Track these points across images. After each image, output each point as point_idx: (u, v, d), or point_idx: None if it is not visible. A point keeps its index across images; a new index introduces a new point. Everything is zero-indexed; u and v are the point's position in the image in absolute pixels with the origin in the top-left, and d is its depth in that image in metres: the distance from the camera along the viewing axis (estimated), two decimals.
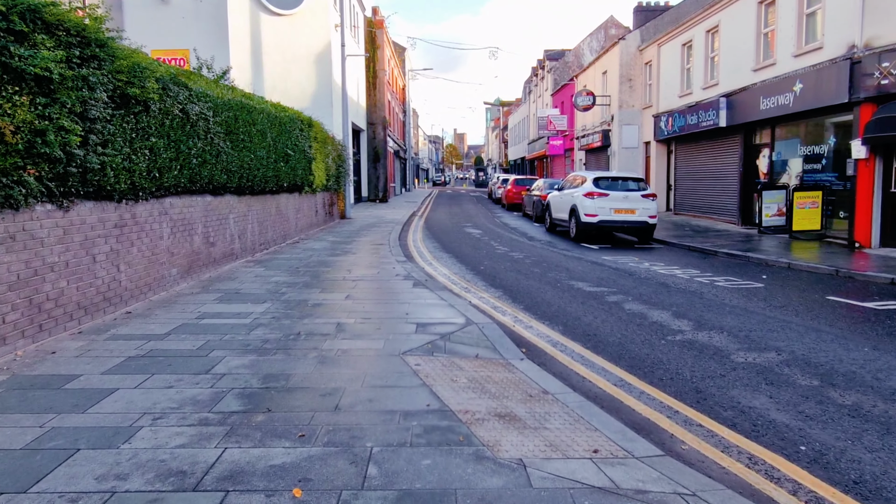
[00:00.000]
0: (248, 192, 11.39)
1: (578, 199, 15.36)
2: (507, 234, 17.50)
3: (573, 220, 15.65)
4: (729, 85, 18.16)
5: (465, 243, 15.23)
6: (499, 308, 7.79)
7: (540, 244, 15.04)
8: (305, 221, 16.20)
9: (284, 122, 13.03)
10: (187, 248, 8.79)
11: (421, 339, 5.79)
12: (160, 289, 7.94)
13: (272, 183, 12.39)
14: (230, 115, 9.90)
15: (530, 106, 53.30)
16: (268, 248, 12.69)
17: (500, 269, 10.92)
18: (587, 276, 10.14)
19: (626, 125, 25.92)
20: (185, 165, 8.35)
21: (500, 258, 12.45)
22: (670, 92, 22.68)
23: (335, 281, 9.03)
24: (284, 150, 13.01)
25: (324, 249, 12.83)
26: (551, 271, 10.69)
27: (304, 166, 14.73)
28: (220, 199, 10.04)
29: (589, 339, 6.36)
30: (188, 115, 8.36)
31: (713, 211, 19.99)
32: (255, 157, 11.16)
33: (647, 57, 25.17)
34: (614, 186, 15.14)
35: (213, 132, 9.22)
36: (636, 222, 14.81)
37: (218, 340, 5.71)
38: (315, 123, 16.10)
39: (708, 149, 20.23)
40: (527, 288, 9.16)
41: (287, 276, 9.43)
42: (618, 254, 13.22)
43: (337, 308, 7.13)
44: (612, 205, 14.80)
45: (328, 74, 23.95)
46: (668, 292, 8.76)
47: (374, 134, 34.17)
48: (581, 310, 7.67)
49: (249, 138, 10.84)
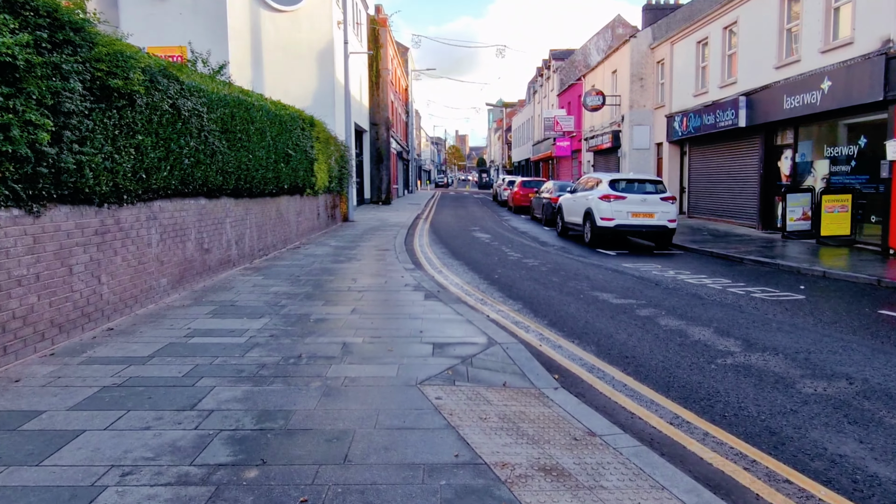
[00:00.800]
0: (247, 194, 10.69)
1: (593, 202, 14.63)
2: (517, 239, 16.78)
3: (588, 224, 14.93)
4: (748, 83, 17.43)
5: (475, 249, 14.51)
6: (520, 324, 7.06)
7: (553, 250, 14.31)
8: (307, 225, 15.50)
9: (285, 121, 12.33)
10: (179, 255, 8.08)
11: (439, 363, 5.08)
12: (148, 301, 7.23)
13: (272, 185, 11.68)
14: (226, 112, 9.20)
15: (535, 107, 52.57)
16: (267, 254, 11.99)
17: (516, 278, 10.20)
18: (611, 286, 9.42)
19: (638, 126, 25.18)
20: (177, 166, 7.65)
21: (513, 265, 11.74)
22: (684, 91, 21.96)
23: (339, 292, 8.32)
24: (285, 151, 12.30)
25: (326, 255, 12.12)
26: (571, 280, 9.97)
27: (305, 167, 14.03)
28: (215, 203, 9.34)
29: (628, 361, 5.64)
30: (179, 111, 7.65)
31: (731, 214, 19.25)
32: (254, 158, 10.46)
33: (659, 55, 24.45)
34: (631, 189, 14.42)
35: (208, 130, 8.52)
36: (655, 227, 14.08)
37: (208, 365, 4.99)
38: (317, 123, 15.40)
39: (725, 150, 19.50)
40: (548, 300, 8.44)
41: (287, 285, 8.72)
42: (638, 260, 12.49)
43: (342, 324, 6.41)
44: (629, 208, 14.07)
45: (331, 73, 23.26)
46: (703, 305, 8.03)
47: (377, 134, 33.48)
48: (612, 326, 6.95)
49: (247, 137, 10.13)
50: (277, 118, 11.81)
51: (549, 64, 45.45)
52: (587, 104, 26.91)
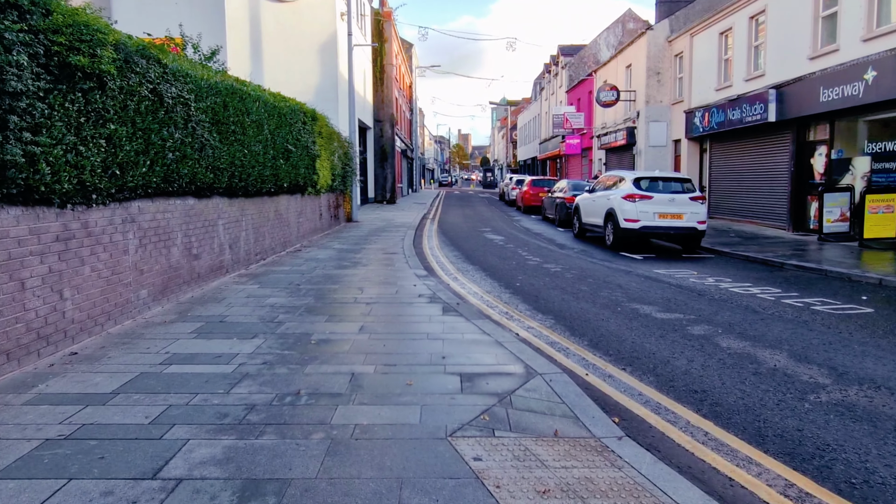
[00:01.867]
0: (242, 193, 9.70)
1: (616, 202, 13.61)
2: (532, 241, 15.77)
3: (609, 225, 13.91)
4: (779, 76, 16.38)
5: (490, 252, 13.51)
6: (557, 344, 6.06)
7: (574, 253, 13.30)
8: (308, 226, 14.51)
9: (285, 114, 11.34)
10: (162, 262, 7.10)
11: (471, 403, 4.08)
12: (124, 317, 6.24)
13: (270, 183, 10.69)
14: (218, 102, 8.21)
15: (542, 104, 51.50)
16: (265, 259, 11.00)
17: (541, 287, 9.19)
18: (649, 297, 8.41)
19: (654, 122, 24.12)
20: (158, 161, 6.66)
21: (534, 271, 10.73)
22: (705, 85, 20.91)
23: (345, 304, 7.32)
24: (284, 146, 11.31)
25: (329, 260, 11.13)
26: (603, 289, 8.96)
27: (307, 164, 13.04)
28: (205, 203, 8.35)
29: (699, 398, 4.63)
30: (162, 97, 6.67)
31: (757, 215, 18.20)
32: (250, 153, 9.47)
33: (677, 48, 23.39)
34: (658, 188, 13.39)
35: (196, 121, 7.53)
36: (684, 228, 13.05)
37: (183, 406, 4.01)
38: (320, 117, 14.41)
39: (752, 146, 18.45)
40: (581, 314, 7.44)
41: (286, 296, 7.73)
42: (669, 266, 11.47)
43: (349, 347, 5.42)
44: (656, 209, 13.04)
45: (334, 66, 22.26)
46: (763, 321, 7.02)
47: (382, 132, 32.48)
48: (665, 348, 5.94)
49: (242, 130, 9.15)
50: (276, 110, 10.83)
51: (557, 60, 44.37)
52: (600, 99, 25.85)
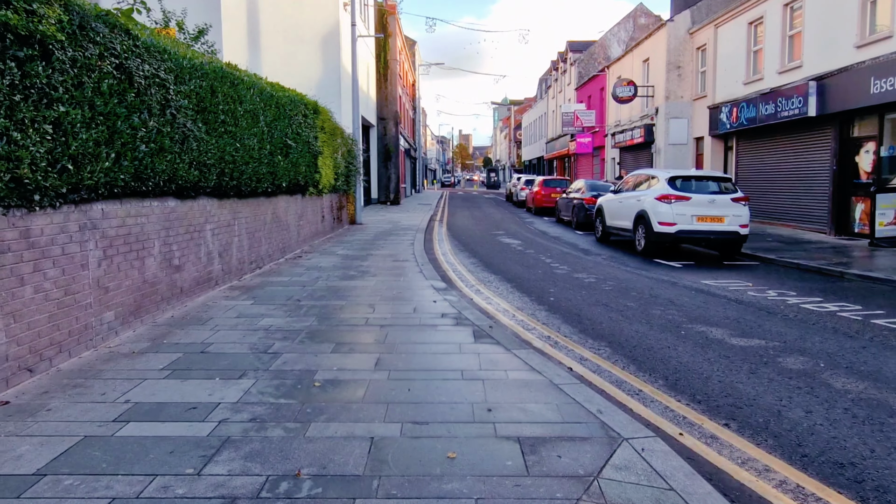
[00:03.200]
0: (234, 193, 8.46)
1: (649, 203, 12.36)
2: (553, 246, 14.52)
3: (640, 229, 12.65)
4: (819, 66, 15.12)
5: (510, 259, 12.26)
6: (625, 384, 4.81)
7: (602, 260, 12.05)
8: (310, 230, 13.27)
9: (283, 105, 10.10)
10: (134, 277, 5.86)
11: (546, 496, 2.84)
12: (81, 347, 5.00)
13: (267, 182, 9.46)
14: (204, 86, 6.98)
15: (549, 102, 50.23)
16: (261, 267, 9.76)
17: (579, 302, 7.95)
18: (711, 316, 7.16)
19: (674, 118, 22.85)
20: (127, 154, 5.42)
21: (566, 282, 9.49)
22: (731, 79, 19.65)
23: (354, 327, 6.08)
24: (283, 141, 10.08)
25: (333, 268, 9.89)
26: (652, 305, 7.71)
27: (308, 162, 11.80)
28: (190, 205, 7.11)
29: (854, 479, 3.38)
30: (131, 76, 5.43)
31: (793, 217, 16.92)
32: (243, 148, 8.24)
33: (699, 41, 22.12)
34: (695, 188, 12.14)
35: (176, 107, 6.29)
36: (725, 233, 11.80)
37: (132, 500, 2.77)
38: (322, 110, 13.18)
39: (786, 143, 17.18)
40: (640, 338, 6.19)
41: (283, 315, 6.50)
42: (716, 275, 10.22)
43: (364, 392, 4.18)
44: (694, 211, 11.78)
45: (336, 59, 21.03)
46: (866, 350, 5.77)
47: (385, 130, 31.24)
48: (765, 391, 4.69)
49: (234, 121, 7.91)
50: (274, 100, 9.59)
51: (565, 57, 43.10)
52: (617, 95, 24.58)
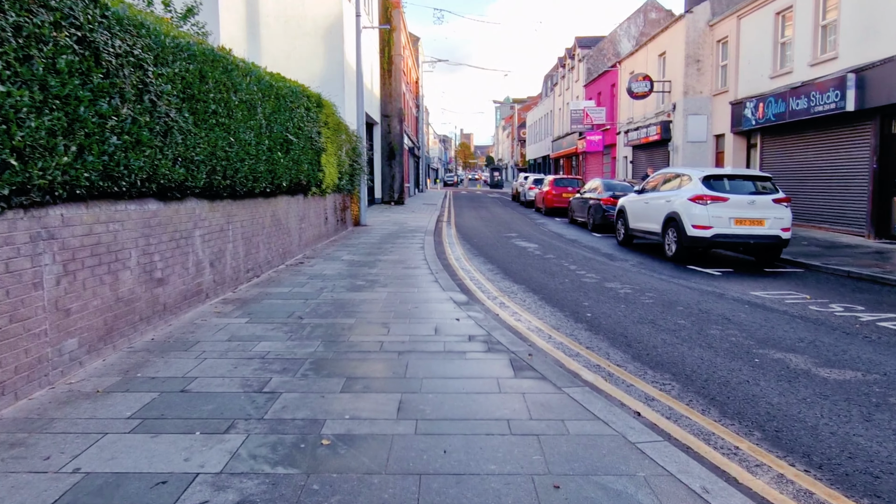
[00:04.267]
0: (227, 194, 7.50)
1: (680, 205, 11.37)
2: (573, 250, 13.53)
3: (671, 233, 11.66)
4: (858, 58, 14.13)
5: (530, 265, 11.28)
6: (717, 440, 3.84)
7: (631, 266, 11.07)
8: (312, 232, 12.30)
9: (284, 96, 9.14)
10: (105, 296, 4.89)
11: None
12: (33, 385, 4.04)
13: (265, 181, 8.49)
14: (192, 70, 6.01)
15: (555, 100, 49.21)
16: (259, 276, 8.79)
17: (622, 320, 6.97)
18: (780, 337, 6.18)
19: (693, 115, 21.85)
20: (93, 147, 4.46)
21: (598, 293, 8.51)
22: (756, 72, 18.65)
23: (367, 354, 5.11)
24: (283, 136, 9.11)
25: (339, 277, 8.93)
26: (708, 324, 6.73)
27: (310, 159, 10.84)
28: (175, 208, 6.14)
29: None
30: (98, 52, 4.47)
31: (826, 219, 15.93)
32: (238, 142, 7.27)
33: (720, 33, 21.12)
34: (733, 188, 11.15)
35: (157, 92, 5.32)
36: (766, 237, 10.81)
37: None
38: (326, 103, 12.21)
39: (819, 140, 16.18)
40: (712, 371, 5.21)
41: (283, 337, 5.53)
42: (763, 285, 9.25)
43: (388, 457, 3.21)
44: (731, 213, 10.80)
45: (339, 52, 20.05)
46: None
47: (389, 127, 30.25)
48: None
49: (227, 112, 6.94)
50: (273, 90, 8.63)
51: (573, 53, 42.07)
52: (632, 90, 23.58)
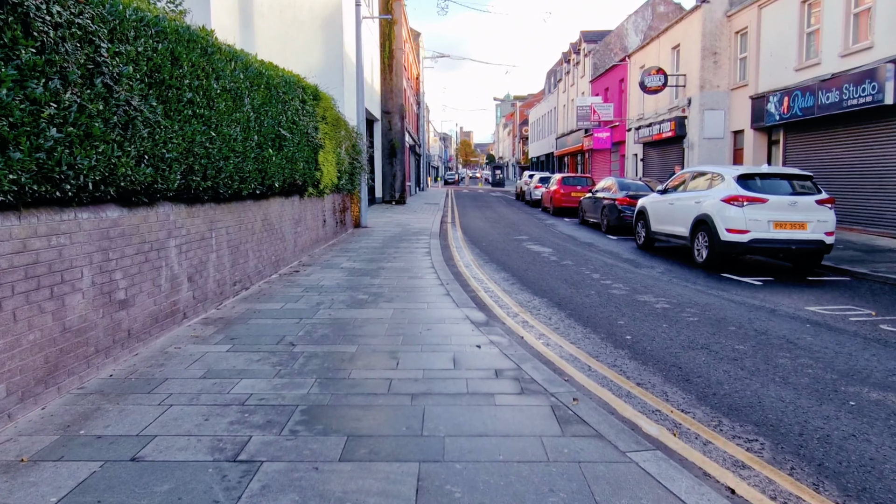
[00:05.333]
0: (210, 197, 6.51)
1: (712, 206, 10.38)
2: (591, 255, 12.55)
3: (701, 237, 10.68)
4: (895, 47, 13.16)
5: (547, 273, 10.29)
6: None
7: (659, 275, 10.08)
8: (309, 237, 11.32)
9: (276, 86, 8.16)
10: (46, 326, 3.91)
11: None
12: None
13: (255, 181, 7.50)
14: (161, 50, 5.02)
15: (559, 96, 48.17)
16: (247, 288, 7.81)
17: (669, 343, 6.00)
18: (869, 370, 5.21)
19: (710, 110, 20.85)
20: (21, 141, 3.48)
21: (632, 308, 7.53)
22: (779, 65, 17.65)
23: (372, 400, 4.12)
24: (275, 131, 8.12)
25: (338, 289, 7.94)
26: (772, 350, 5.75)
27: (306, 157, 9.85)
28: (142, 214, 5.15)
29: None
30: (26, 20, 3.49)
31: (860, 220, 14.93)
32: (221, 138, 6.28)
33: (739, 24, 20.11)
34: (770, 188, 10.17)
35: (113, 74, 4.33)
36: (808, 242, 9.83)
37: None
38: (323, 96, 11.22)
39: (852, 136, 15.19)
40: (802, 419, 4.23)
41: (269, 374, 4.55)
42: (815, 297, 8.28)
43: None
44: (771, 216, 9.81)
45: (338, 44, 19.06)
46: None
47: (390, 124, 29.24)
48: None
49: (207, 101, 5.95)
50: (263, 80, 7.64)
51: (578, 48, 41.02)
52: (645, 85, 22.58)
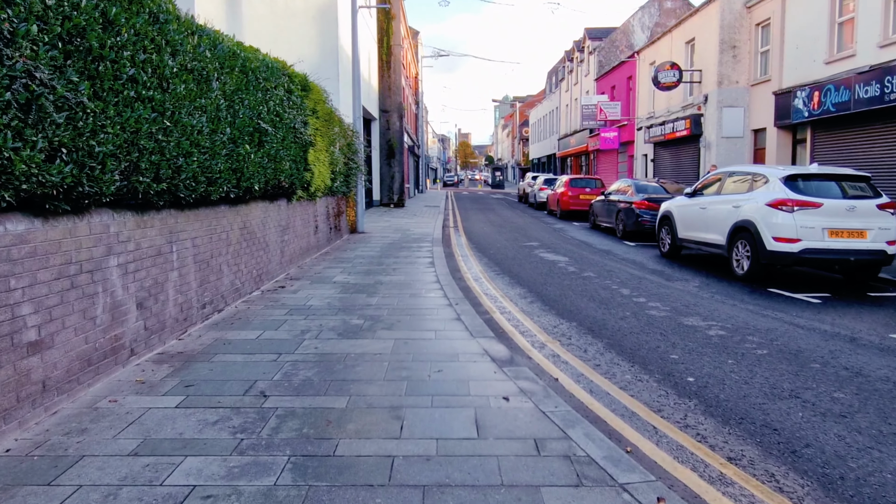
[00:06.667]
0: (168, 202, 5.24)
1: (756, 211, 9.15)
2: (612, 265, 11.29)
3: (742, 246, 9.44)
4: None
5: (568, 287, 9.04)
6: None
7: (696, 290, 8.84)
8: (298, 245, 10.05)
9: (254, 71, 6.90)
10: None
11: None
12: None
13: (227, 183, 6.23)
14: (84, 8, 3.75)
15: (561, 96, 46.96)
16: (221, 309, 6.54)
17: (749, 392, 4.77)
18: None
19: (728, 107, 19.63)
20: None
21: (683, 337, 6.29)
22: (806, 58, 16.45)
23: (368, 494, 2.85)
24: (254, 123, 6.86)
25: (328, 310, 6.68)
26: (882, 400, 4.51)
27: (294, 155, 8.59)
28: (65, 227, 3.88)
29: None
30: None
31: None
32: (179, 129, 5.01)
33: (760, 15, 18.91)
34: (822, 190, 8.94)
35: (2, 32, 3.06)
36: (868, 253, 8.59)
37: None
38: (314, 87, 9.98)
39: (890, 134, 13.98)
40: None
41: (226, 447, 3.29)
42: (894, 319, 7.04)
43: None
44: (826, 222, 8.58)
45: (333, 37, 17.80)
46: None
47: (389, 124, 27.99)
48: None
49: (158, 81, 4.69)
50: (238, 61, 6.39)
51: (583, 45, 39.80)
52: (659, 81, 21.35)
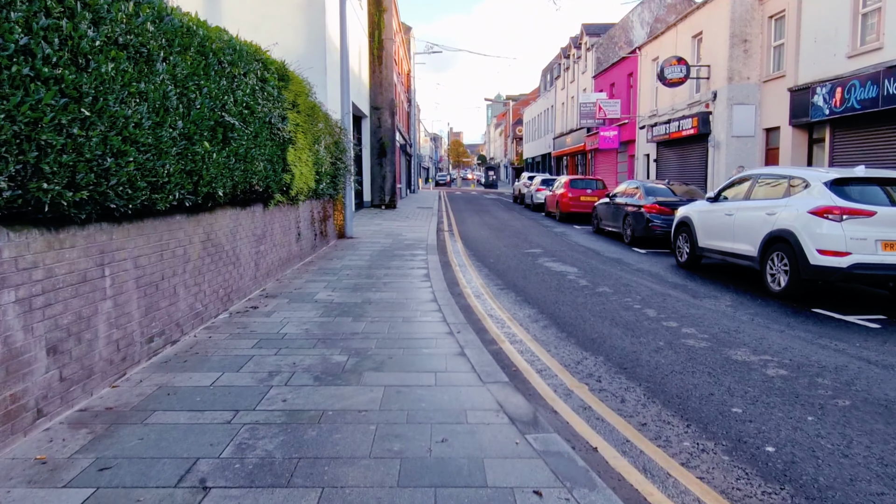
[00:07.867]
0: (97, 214, 4.07)
1: (795, 220, 8.07)
2: (627, 277, 10.20)
3: (778, 259, 8.37)
4: None
5: (583, 306, 7.93)
6: None
7: (730, 309, 7.76)
8: (277, 256, 8.88)
9: (216, 52, 5.73)
10: None
11: None
12: None
13: (179, 189, 5.05)
14: None
15: (556, 94, 45.91)
16: (175, 341, 5.37)
17: (844, 464, 3.70)
18: None
19: (739, 105, 18.61)
20: None
21: (739, 379, 5.22)
22: (826, 52, 15.44)
23: None
24: (216, 116, 5.69)
25: (305, 342, 5.53)
26: None
27: (270, 155, 7.42)
28: None
29: None
30: None
31: None
32: (107, 120, 3.84)
33: (773, 8, 17.88)
34: (872, 197, 7.87)
35: None
36: None
37: None
38: (294, 77, 8.81)
39: None
40: None
41: None
42: None
43: None
44: (879, 233, 7.52)
45: (320, 28, 16.62)
46: None
47: (380, 121, 26.79)
48: None
49: (72, 58, 3.52)
50: (194, 40, 5.22)
51: (580, 42, 38.73)
52: (666, 77, 20.30)
